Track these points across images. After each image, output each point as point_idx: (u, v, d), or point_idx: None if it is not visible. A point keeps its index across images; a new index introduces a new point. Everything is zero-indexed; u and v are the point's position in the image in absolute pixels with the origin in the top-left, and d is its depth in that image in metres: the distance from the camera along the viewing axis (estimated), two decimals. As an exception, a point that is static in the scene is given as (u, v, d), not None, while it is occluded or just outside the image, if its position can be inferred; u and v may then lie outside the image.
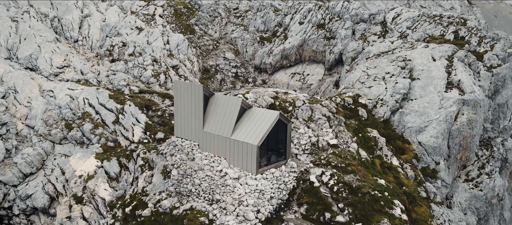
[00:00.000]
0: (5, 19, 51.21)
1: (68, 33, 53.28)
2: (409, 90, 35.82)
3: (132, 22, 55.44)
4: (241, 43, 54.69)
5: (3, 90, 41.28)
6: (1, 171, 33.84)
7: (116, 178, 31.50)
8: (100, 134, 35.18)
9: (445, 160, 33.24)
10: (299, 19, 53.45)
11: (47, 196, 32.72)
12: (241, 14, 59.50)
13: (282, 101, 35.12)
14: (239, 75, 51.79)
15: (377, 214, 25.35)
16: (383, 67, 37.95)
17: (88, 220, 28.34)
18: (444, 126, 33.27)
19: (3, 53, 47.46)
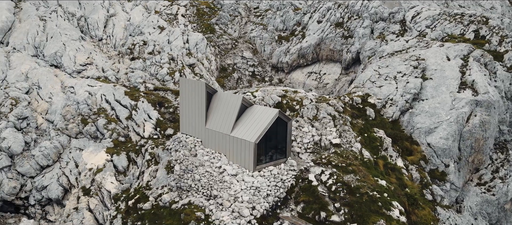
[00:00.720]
0: (34, 18, 53.73)
1: (93, 32, 55.27)
2: (421, 90, 34.97)
3: (154, 22, 56.85)
4: (260, 42, 54.94)
5: (27, 86, 43.40)
6: (20, 162, 35.63)
7: (124, 172, 32.52)
8: (112, 129, 36.40)
9: (455, 162, 32.25)
10: (318, 18, 53.12)
11: (61, 187, 34.17)
12: (261, 13, 59.75)
13: (290, 100, 35.13)
14: (256, 74, 52.06)
15: (373, 215, 25.01)
16: (395, 66, 37.20)
17: (93, 211, 29.44)
18: (455, 127, 32.29)
19: (30, 51, 49.82)
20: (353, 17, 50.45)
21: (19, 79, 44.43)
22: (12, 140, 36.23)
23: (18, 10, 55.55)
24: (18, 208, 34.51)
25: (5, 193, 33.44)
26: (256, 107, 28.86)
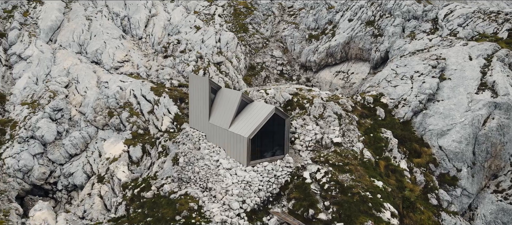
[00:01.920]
0: (80, 18, 57.85)
1: (135, 31, 58.39)
2: (437, 91, 33.59)
3: (191, 21, 58.95)
4: (290, 41, 55.14)
5: (67, 80, 46.99)
6: (51, 150, 38.82)
7: (137, 162, 34.44)
8: (133, 122, 38.57)
9: (469, 167, 30.68)
10: (349, 16, 52.32)
11: (85, 175, 36.81)
12: (295, 12, 59.84)
13: (301, 98, 35.20)
14: (284, 73, 52.36)
15: (362, 215, 24.70)
16: (413, 65, 35.94)
17: (103, 197, 31.54)
18: (469, 130, 30.72)
19: (75, 48, 53.73)
20: (385, 16, 49.13)
21: (61, 74, 48.20)
22: (46, 129, 39.54)
23: (68, 10, 60.03)
24: (47, 192, 37.63)
25: (35, 178, 36.64)
26: (255, 103, 29.41)
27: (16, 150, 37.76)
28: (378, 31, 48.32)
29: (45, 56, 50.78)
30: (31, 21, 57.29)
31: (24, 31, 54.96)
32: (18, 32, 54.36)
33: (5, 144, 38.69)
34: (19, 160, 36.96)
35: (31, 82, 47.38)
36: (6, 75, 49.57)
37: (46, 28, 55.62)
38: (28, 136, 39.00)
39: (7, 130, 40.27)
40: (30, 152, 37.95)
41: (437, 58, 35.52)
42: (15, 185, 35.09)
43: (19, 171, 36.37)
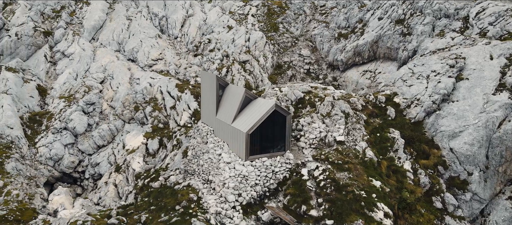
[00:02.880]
0: (121, 18, 61.14)
1: (171, 31, 60.81)
2: (453, 91, 32.35)
3: (225, 21, 60.43)
4: (320, 40, 54.95)
5: (103, 76, 50.02)
6: (81, 141, 41.64)
7: (153, 154, 36.18)
8: (155, 116, 40.48)
9: (481, 171, 29.36)
10: (380, 14, 51.28)
11: (109, 165, 39.20)
12: (326, 11, 59.45)
13: (313, 96, 35.27)
14: (311, 72, 52.31)
15: (353, 214, 24.63)
16: (431, 65, 34.78)
17: (117, 186, 33.51)
18: (483, 133, 29.39)
19: (114, 46, 56.93)
20: (415, 14, 47.67)
21: (98, 70, 51.38)
22: (78, 121, 42.47)
23: (111, 11, 63.61)
24: (76, 180, 40.45)
25: (64, 166, 39.54)
26: (259, 100, 30.01)
27: (50, 139, 40.93)
28: (407, 30, 47.04)
29: (86, 53, 54.30)
30: (77, 21, 61.38)
31: (69, 30, 59.01)
32: (64, 31, 58.48)
33: (41, 134, 42.03)
34: (51, 149, 40.05)
35: (71, 77, 50.92)
36: (50, 71, 53.58)
37: (89, 28, 59.37)
38: (62, 127, 42.11)
39: (43, 121, 43.71)
40: (62, 142, 40.98)
41: (456, 58, 34.19)
42: (45, 172, 38.10)
43: (50, 159, 39.41)
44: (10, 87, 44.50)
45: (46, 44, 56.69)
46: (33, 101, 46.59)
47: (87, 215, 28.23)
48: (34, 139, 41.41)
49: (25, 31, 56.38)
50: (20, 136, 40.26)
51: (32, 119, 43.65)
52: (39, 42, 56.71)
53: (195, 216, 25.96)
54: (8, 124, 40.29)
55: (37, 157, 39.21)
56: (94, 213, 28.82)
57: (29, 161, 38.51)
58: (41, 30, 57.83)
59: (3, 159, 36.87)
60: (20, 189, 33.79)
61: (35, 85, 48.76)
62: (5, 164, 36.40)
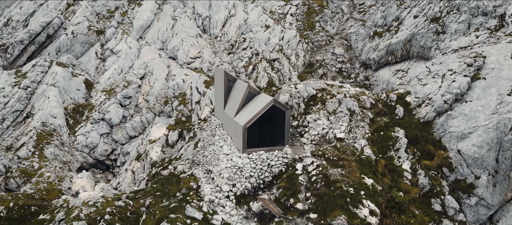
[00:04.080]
0: (167, 18, 64.54)
1: (212, 30, 63.17)
2: (467, 91, 30.88)
3: (263, 21, 61.62)
4: (355, 38, 54.22)
5: (143, 72, 53.36)
6: (115, 131, 44.97)
7: (172, 145, 38.29)
8: (180, 110, 42.70)
9: (490, 175, 27.86)
10: (416, 12, 49.58)
11: (137, 154, 41.97)
12: (365, 9, 58.37)
13: (326, 94, 35.38)
14: (342, 71, 51.85)
15: (338, 209, 24.80)
16: (449, 63, 33.34)
17: (134, 173, 35.98)
18: (493, 135, 27.88)
19: (158, 45, 60.32)
20: (452, 12, 45.55)
21: (140, 67, 54.86)
22: (114, 113, 45.88)
23: (159, 11, 67.31)
24: (108, 167, 43.77)
25: (98, 154, 42.98)
26: (261, 95, 30.85)
27: (88, 129, 44.68)
28: (441, 28, 45.16)
29: (132, 51, 58.14)
30: (127, 21, 65.79)
31: (119, 29, 63.43)
32: (114, 30, 62.98)
33: (81, 123, 45.99)
34: (88, 137, 43.72)
35: (115, 73, 54.88)
36: (99, 67, 58.08)
37: (137, 27, 63.37)
38: (99, 118, 45.76)
39: (85, 112, 47.72)
40: (98, 132, 44.55)
41: (475, 56, 32.54)
42: (79, 158, 41.75)
43: (86, 147, 43.06)
44: (58, 80, 49.08)
45: (98, 42, 61.44)
46: (79, 94, 50.95)
47: (100, 197, 30.85)
48: (75, 128, 45.43)
49: (80, 30, 61.54)
50: (62, 124, 44.39)
51: (76, 110, 47.83)
52: (92, 40, 61.62)
53: (190, 202, 27.48)
54: (52, 113, 44.59)
55: (74, 144, 43.05)
56: (107, 196, 31.40)
57: (67, 148, 42.43)
58: (95, 29, 62.78)
59: (43, 144, 41.00)
60: (52, 172, 37.50)
61: (83, 79, 53.22)
62: (45, 149, 40.46)
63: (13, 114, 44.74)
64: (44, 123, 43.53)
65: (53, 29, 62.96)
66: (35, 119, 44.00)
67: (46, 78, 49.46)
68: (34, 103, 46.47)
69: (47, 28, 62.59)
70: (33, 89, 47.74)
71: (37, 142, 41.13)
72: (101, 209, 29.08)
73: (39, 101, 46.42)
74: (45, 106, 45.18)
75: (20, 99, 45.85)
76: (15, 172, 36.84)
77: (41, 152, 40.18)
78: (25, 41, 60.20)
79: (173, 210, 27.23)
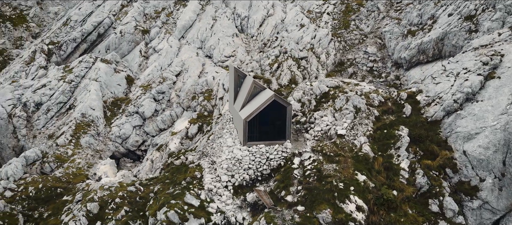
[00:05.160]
0: (208, 18, 66.86)
1: (249, 30, 64.55)
2: (480, 90, 29.55)
3: (299, 20, 61.99)
4: (389, 37, 53.00)
5: (179, 70, 55.94)
6: (147, 124, 47.72)
7: (191, 138, 40.10)
8: (203, 105, 44.50)
9: (496, 178, 26.60)
10: (451, 10, 47.61)
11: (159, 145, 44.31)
12: (402, 7, 56.69)
13: (339, 91, 35.41)
14: (373, 70, 50.92)
15: (324, 203, 25.15)
16: (464, 62, 31.98)
17: (153, 162, 38.15)
18: (500, 136, 26.59)
19: (197, 44, 62.73)
20: (487, 10, 43.30)
21: (177, 64, 57.51)
22: (147, 107, 48.70)
23: (202, 12, 69.88)
24: (139, 157, 46.55)
25: (129, 144, 45.86)
26: (266, 91, 31.65)
27: (122, 121, 47.80)
28: (475, 26, 43.13)
29: (172, 50, 61.05)
30: (171, 21, 69.00)
31: (163, 29, 66.72)
32: (158, 30, 66.37)
33: (117, 116, 49.29)
34: (121, 129, 46.80)
35: (155, 70, 57.95)
36: (142, 64, 61.59)
37: (180, 27, 66.27)
38: (134, 111, 48.75)
39: (122, 106, 51.03)
40: (131, 124, 47.52)
41: (493, 55, 31.00)
42: (111, 147, 44.88)
43: (119, 138, 46.13)
44: (100, 75, 52.90)
45: (143, 41, 65.11)
46: (120, 88, 54.52)
47: (116, 183, 33.31)
48: (111, 119, 48.80)
49: (127, 30, 65.57)
50: (100, 116, 47.92)
51: (114, 103, 51.32)
52: (137, 39, 65.42)
53: (191, 190, 29.00)
54: (91, 105, 48.28)
55: (109, 134, 46.29)
56: (123, 181, 33.79)
57: (102, 138, 45.78)
58: (140, 28, 66.59)
59: (80, 134, 44.59)
60: (83, 158, 40.78)
61: (125, 75, 56.81)
62: (81, 138, 44.02)
63: (57, 105, 49.01)
64: (83, 114, 47.26)
65: (104, 28, 67.63)
66: (76, 110, 47.88)
67: (90, 73, 53.52)
68: (77, 96, 50.54)
69: (98, 27, 67.37)
70: (76, 83, 51.91)
71: (74, 131, 44.83)
72: (114, 193, 31.44)
73: (81, 94, 50.42)
74: (86, 99, 48.99)
75: (64, 92, 50.10)
76: (50, 157, 40.55)
77: (77, 140, 43.76)
78: (77, 40, 65.27)
79: (175, 197, 28.92)
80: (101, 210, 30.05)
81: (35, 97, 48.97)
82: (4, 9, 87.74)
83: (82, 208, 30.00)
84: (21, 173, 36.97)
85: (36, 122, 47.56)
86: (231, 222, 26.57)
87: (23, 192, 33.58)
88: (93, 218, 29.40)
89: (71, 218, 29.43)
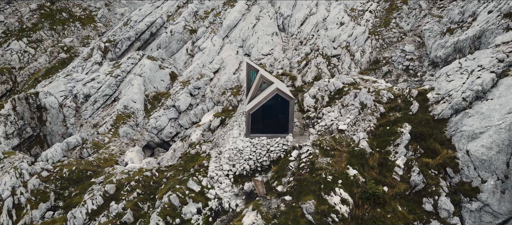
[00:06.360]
0: (251, 18, 68.52)
1: (290, 29, 65.26)
2: (491, 88, 28.06)
3: (339, 18, 61.63)
4: (428, 35, 51.06)
5: (217, 67, 58.20)
6: (181, 117, 50.36)
7: (213, 130, 41.85)
8: (230, 100, 46.12)
9: (499, 180, 25.27)
10: (491, 7, 44.94)
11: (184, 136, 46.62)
12: (445, 5, 54.13)
13: (353, 88, 35.32)
14: (409, 69, 49.36)
15: (310, 194, 25.65)
16: (481, 59, 30.36)
17: (175, 151, 40.39)
18: (505, 136, 25.23)
19: (239, 43, 64.63)
20: (530, 4, 40.46)
21: (217, 62, 59.83)
22: (183, 101, 51.41)
23: (247, 12, 71.73)
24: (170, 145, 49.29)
25: (163, 135, 48.76)
26: (272, 85, 32.52)
27: (160, 113, 50.91)
28: (514, 23, 40.53)
29: (214, 48, 63.54)
30: (218, 21, 71.62)
31: (209, 28, 69.52)
32: (205, 29, 69.26)
33: (156, 108, 52.54)
34: (158, 120, 49.88)
35: (196, 67, 60.75)
36: (187, 62, 64.77)
37: (225, 27, 68.65)
38: (171, 105, 51.70)
39: (162, 100, 54.26)
40: (167, 116, 50.46)
41: (510, 51, 29.26)
42: (146, 137, 48.02)
43: (155, 129, 49.22)
44: (144, 71, 56.63)
45: (190, 40, 68.36)
46: (163, 84, 57.95)
47: (135, 168, 36.00)
48: (150, 112, 52.16)
49: (177, 29, 69.20)
50: (140, 108, 51.44)
51: (155, 97, 54.72)
52: (185, 38, 68.80)
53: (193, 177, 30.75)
54: (133, 98, 51.96)
55: (146, 125, 49.57)
56: (142, 167, 36.40)
57: (139, 128, 49.17)
58: (189, 28, 69.94)
59: (120, 124, 48.28)
60: (118, 146, 44.22)
61: (169, 72, 60.22)
62: (119, 128, 47.66)
63: (103, 97, 53.33)
64: (125, 106, 51.04)
65: (156, 28, 71.96)
66: (119, 103, 51.81)
67: (135, 69, 57.47)
68: (122, 89, 54.60)
69: (151, 27, 71.80)
70: (122, 77, 56.04)
71: (115, 121, 48.62)
72: (131, 177, 34.07)
73: (125, 88, 54.39)
74: (129, 93, 52.81)
75: (110, 86, 54.36)
76: (89, 143, 44.47)
77: (116, 129, 47.46)
78: (132, 38, 70.08)
79: (181, 182, 30.84)
80: (117, 191, 32.77)
81: (85, 90, 53.66)
82: (74, 10, 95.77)
83: (101, 188, 32.93)
84: (60, 156, 41.05)
85: (84, 112, 52.17)
86: (225, 208, 27.85)
87: (58, 173, 37.39)
88: (108, 198, 32.17)
89: (90, 196, 32.41)
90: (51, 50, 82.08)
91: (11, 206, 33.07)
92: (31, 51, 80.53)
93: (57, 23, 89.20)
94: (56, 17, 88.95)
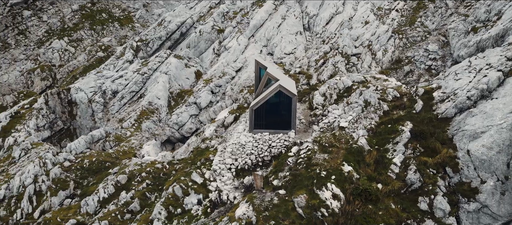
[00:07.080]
0: (277, 18, 68.97)
1: (315, 28, 65.24)
2: (497, 87, 27.19)
3: (364, 17, 60.98)
4: (453, 34, 49.58)
5: (240, 65, 59.17)
6: (202, 114, 51.71)
7: (226, 126, 42.79)
8: (245, 97, 46.90)
9: (499, 181, 24.53)
10: (518, 5, 43.17)
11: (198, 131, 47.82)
12: (471, 3, 52.26)
13: (363, 86, 35.17)
14: (431, 68, 48.15)
15: (303, 189, 26.00)
16: (490, 57, 29.38)
17: (189, 145, 41.64)
18: (506, 136, 24.47)
19: (263, 42, 65.34)
20: (558, 1, 38.57)
21: (240, 61, 60.82)
22: (204, 98, 52.77)
23: (274, 12, 72.24)
24: (190, 141, 50.72)
25: (184, 131, 50.27)
26: (276, 82, 32.99)
27: (181, 110, 52.53)
28: (540, 20, 38.84)
29: (239, 48, 64.58)
30: (245, 21, 72.59)
31: (236, 28, 70.66)
32: (232, 29, 70.46)
33: (179, 105, 54.22)
34: (179, 116, 51.47)
35: (221, 66, 62.02)
36: (213, 61, 66.21)
37: (251, 26, 69.50)
38: (192, 102, 53.20)
39: (185, 97, 55.87)
40: (189, 113, 51.98)
41: (520, 49, 28.24)
42: (167, 132, 49.70)
43: (176, 124, 50.83)
44: (170, 69, 58.52)
45: (217, 40, 69.83)
46: (187, 82, 59.65)
47: (148, 160, 37.57)
48: (173, 108, 53.89)
49: (205, 29, 70.88)
50: (163, 105, 53.29)
51: (179, 95, 56.46)
52: (213, 38, 70.34)
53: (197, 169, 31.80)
54: (157, 95, 53.90)
55: (168, 121, 51.30)
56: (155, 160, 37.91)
57: (162, 124, 50.96)
58: (217, 28, 71.41)
59: (143, 119, 50.28)
60: (138, 140, 46.11)
61: (195, 70, 61.88)
62: (142, 123, 49.64)
63: (130, 93, 55.64)
64: (150, 103, 53.06)
65: (186, 28, 73.99)
66: (145, 99, 53.90)
67: (161, 67, 59.50)
68: (148, 86, 56.72)
69: (181, 27, 73.90)
70: (149, 75, 58.19)
71: (139, 116, 50.69)
72: (143, 168, 35.62)
73: (151, 85, 56.47)
74: (154, 90, 54.81)
75: (136, 83, 56.60)
76: (111, 137, 46.66)
77: (139, 124, 49.47)
78: (163, 38, 72.44)
79: (186, 174, 31.98)
80: (128, 181, 34.39)
81: (113, 86, 56.20)
82: (114, 10, 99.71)
83: (114, 178, 34.66)
84: (83, 148, 43.40)
85: (111, 107, 54.66)
86: (223, 200, 28.66)
87: (79, 163, 39.59)
88: (120, 188, 33.83)
89: (104, 186, 34.19)
90: (90, 49, 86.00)
91: (32, 192, 35.44)
92: (71, 49, 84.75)
93: (97, 23, 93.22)
94: (96, 17, 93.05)
